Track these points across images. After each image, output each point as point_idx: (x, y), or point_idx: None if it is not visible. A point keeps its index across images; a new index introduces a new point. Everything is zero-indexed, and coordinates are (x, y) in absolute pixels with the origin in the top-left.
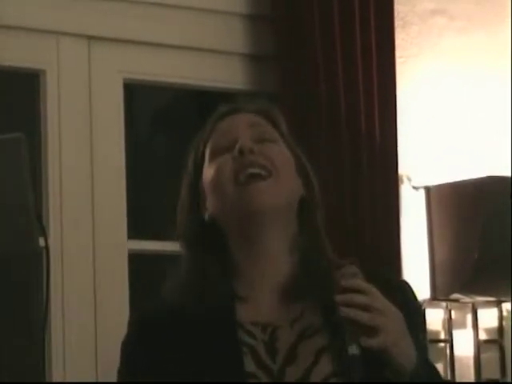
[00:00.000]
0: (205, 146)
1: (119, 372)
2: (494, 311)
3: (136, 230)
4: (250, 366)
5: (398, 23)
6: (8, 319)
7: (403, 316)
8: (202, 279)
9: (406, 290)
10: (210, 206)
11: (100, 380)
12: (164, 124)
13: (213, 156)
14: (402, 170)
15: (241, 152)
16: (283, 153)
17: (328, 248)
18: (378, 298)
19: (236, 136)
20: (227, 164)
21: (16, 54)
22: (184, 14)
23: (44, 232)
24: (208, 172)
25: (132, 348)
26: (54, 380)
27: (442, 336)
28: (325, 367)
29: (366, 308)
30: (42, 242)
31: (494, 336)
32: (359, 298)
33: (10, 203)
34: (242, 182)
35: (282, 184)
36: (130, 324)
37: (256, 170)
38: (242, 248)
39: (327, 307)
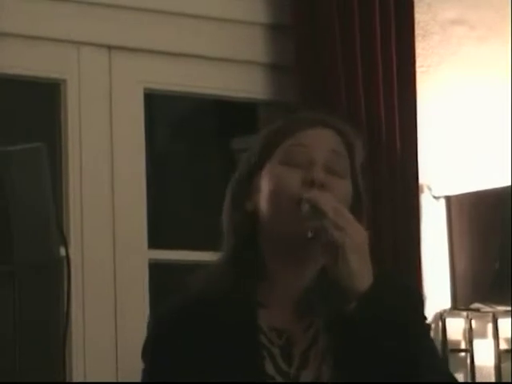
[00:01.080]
0: (276, 145)
1: (144, 371)
2: None
3: (156, 239)
4: (269, 369)
5: (418, 33)
6: (29, 328)
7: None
8: (230, 280)
9: (409, 294)
10: (259, 208)
11: None
12: (184, 133)
13: (283, 162)
14: (423, 179)
15: (312, 183)
16: (345, 193)
17: None
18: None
19: (312, 157)
20: (294, 181)
21: (37, 64)
22: (204, 24)
23: (65, 241)
24: (272, 175)
25: (155, 347)
26: None
27: (463, 346)
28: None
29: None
30: (62, 251)
31: None
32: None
33: (30, 213)
34: (300, 208)
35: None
36: (153, 323)
37: None
38: (276, 255)
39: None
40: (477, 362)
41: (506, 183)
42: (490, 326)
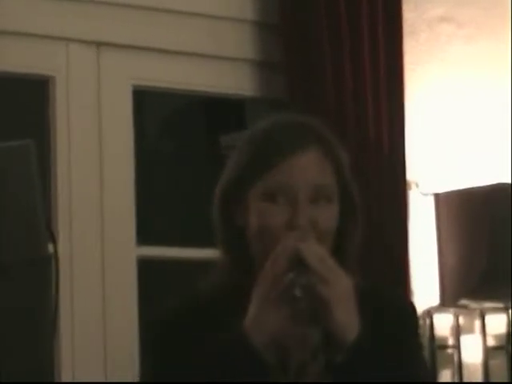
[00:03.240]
0: (258, 173)
1: (145, 368)
2: (503, 317)
3: (145, 236)
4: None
5: (406, 30)
6: (17, 326)
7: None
8: (231, 286)
9: (405, 312)
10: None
11: None
12: (172, 130)
13: (266, 196)
14: (411, 176)
15: (293, 228)
16: (332, 217)
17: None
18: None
19: (295, 192)
20: (278, 222)
21: (25, 61)
22: (193, 21)
23: (53, 238)
24: (256, 211)
25: (159, 346)
26: None
27: (450, 342)
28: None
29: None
30: (51, 248)
31: (502, 342)
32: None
33: (19, 210)
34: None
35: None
36: (156, 323)
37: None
38: None
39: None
40: (464, 359)
41: (493, 181)
42: (477, 323)
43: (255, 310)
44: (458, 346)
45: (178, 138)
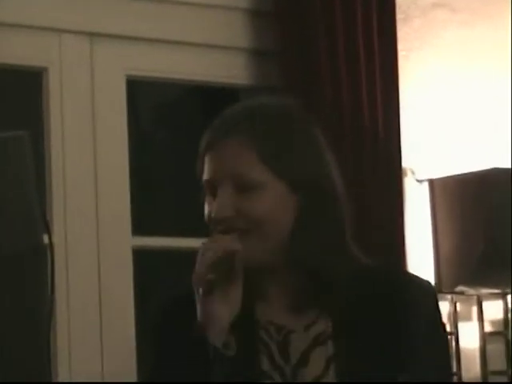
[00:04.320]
0: (200, 173)
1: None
2: (500, 303)
3: (140, 226)
4: (265, 364)
5: (399, 17)
6: (13, 317)
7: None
8: None
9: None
10: None
11: (106, 377)
12: (167, 120)
13: (206, 189)
14: (406, 163)
15: (215, 221)
16: (266, 202)
17: (345, 253)
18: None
19: (216, 184)
20: (208, 212)
21: (18, 52)
22: (186, 10)
23: (48, 229)
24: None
25: (156, 337)
26: (60, 378)
27: (448, 328)
28: (333, 376)
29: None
30: (46, 239)
31: (500, 328)
32: None
33: (13, 201)
34: None
35: (264, 240)
36: (151, 315)
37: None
38: None
39: (337, 315)
40: (462, 345)
41: (488, 166)
42: (474, 309)
43: (199, 306)
44: (455, 333)
45: (172, 128)
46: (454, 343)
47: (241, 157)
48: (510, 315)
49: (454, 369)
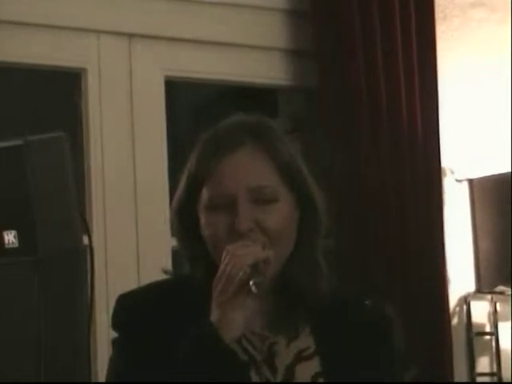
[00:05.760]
0: (200, 186)
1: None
2: None
3: None
4: (254, 378)
5: (438, 16)
6: (54, 318)
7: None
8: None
9: (372, 308)
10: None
11: None
12: (205, 120)
13: (209, 208)
14: (445, 163)
15: (239, 234)
16: (281, 215)
17: (322, 273)
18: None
19: (234, 198)
20: (222, 230)
21: (57, 54)
22: (224, 11)
23: (88, 230)
24: (204, 223)
25: (129, 318)
26: (100, 378)
27: (488, 329)
28: None
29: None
30: (85, 240)
31: None
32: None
33: (53, 202)
34: None
35: (279, 252)
36: (128, 296)
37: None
38: None
39: (320, 334)
40: (501, 345)
41: None
42: None
43: (220, 309)
44: (495, 333)
45: (211, 128)
46: (493, 343)
47: (257, 168)
48: None
49: (494, 369)
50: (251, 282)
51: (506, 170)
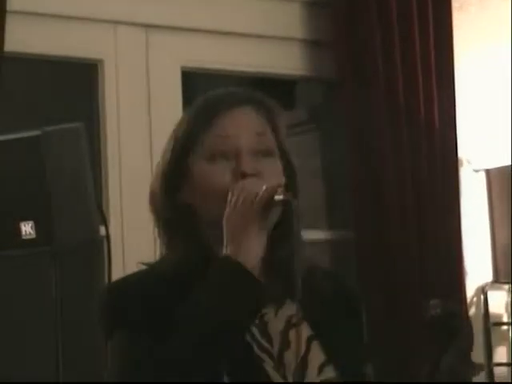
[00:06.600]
0: (196, 137)
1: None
2: None
3: None
4: (256, 349)
5: (454, 5)
6: (70, 308)
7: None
8: (184, 264)
9: (339, 277)
10: (192, 201)
11: None
12: None
13: (209, 158)
14: (462, 153)
15: (242, 175)
16: (277, 170)
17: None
18: None
19: (237, 146)
20: (224, 177)
21: (74, 44)
22: (241, 1)
23: (105, 221)
24: (201, 174)
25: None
26: None
27: (505, 319)
28: (318, 355)
29: None
30: (102, 230)
31: None
32: None
33: (70, 193)
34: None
35: None
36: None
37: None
38: (218, 240)
39: (302, 301)
40: None
41: None
42: None
43: (235, 241)
44: None
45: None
46: (510, 333)
47: (257, 122)
48: None
49: (511, 359)
50: (276, 197)
51: None
